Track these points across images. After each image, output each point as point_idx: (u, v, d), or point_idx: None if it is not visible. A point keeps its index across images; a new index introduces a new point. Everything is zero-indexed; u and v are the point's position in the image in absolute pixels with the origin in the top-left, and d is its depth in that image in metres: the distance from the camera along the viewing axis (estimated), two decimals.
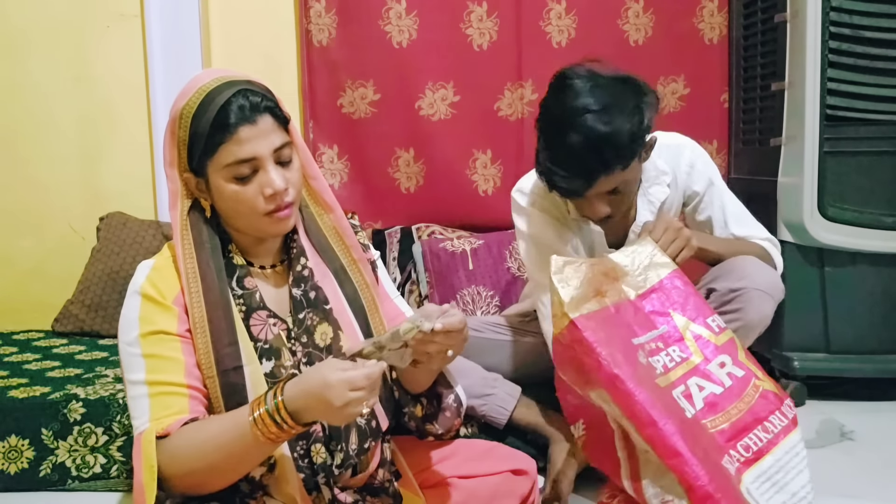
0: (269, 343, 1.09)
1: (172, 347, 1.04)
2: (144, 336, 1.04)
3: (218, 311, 1.06)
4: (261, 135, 1.04)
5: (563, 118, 1.36)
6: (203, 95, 1.05)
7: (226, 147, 1.03)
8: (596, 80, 1.38)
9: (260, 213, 1.06)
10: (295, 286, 1.14)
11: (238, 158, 1.04)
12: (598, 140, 1.32)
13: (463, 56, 2.48)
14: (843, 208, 2.09)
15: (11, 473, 1.64)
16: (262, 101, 1.05)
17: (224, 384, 1.05)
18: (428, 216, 2.53)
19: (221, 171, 1.05)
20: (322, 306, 1.14)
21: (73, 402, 1.66)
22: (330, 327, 1.13)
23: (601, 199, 1.42)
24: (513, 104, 2.52)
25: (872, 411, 2.09)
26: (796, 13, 2.08)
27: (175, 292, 1.07)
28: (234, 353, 1.05)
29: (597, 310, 1.27)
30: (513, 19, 2.48)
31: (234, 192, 1.05)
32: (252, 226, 1.09)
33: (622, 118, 1.34)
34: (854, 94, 2.07)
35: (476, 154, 2.55)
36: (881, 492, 1.59)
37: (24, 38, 2.46)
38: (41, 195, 2.51)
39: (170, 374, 1.03)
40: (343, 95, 2.50)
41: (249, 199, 1.05)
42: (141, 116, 2.49)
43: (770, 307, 1.50)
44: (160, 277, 1.08)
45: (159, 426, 1.00)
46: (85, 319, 2.26)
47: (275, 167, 1.06)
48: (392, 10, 2.45)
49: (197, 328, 1.05)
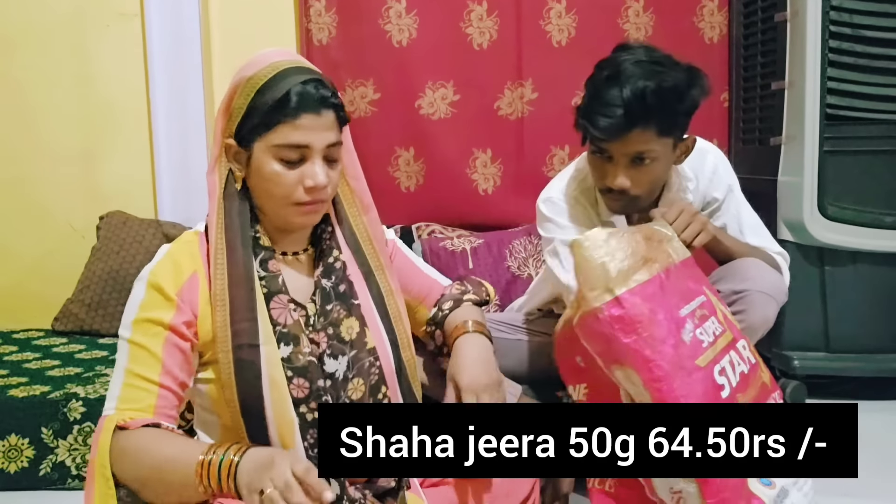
0: (288, 328, 1.08)
1: (156, 342, 1.03)
2: (137, 322, 1.04)
3: (241, 285, 1.05)
4: (320, 127, 1.05)
5: (615, 67, 1.36)
6: (276, 71, 1.05)
7: (283, 127, 1.04)
8: (654, 48, 1.41)
9: (292, 200, 1.06)
10: (325, 277, 1.13)
11: (291, 142, 1.04)
12: (645, 89, 1.32)
13: (463, 55, 2.48)
14: (843, 207, 2.09)
15: (11, 472, 1.64)
16: (332, 96, 1.06)
17: (237, 360, 1.03)
18: (428, 215, 2.53)
19: (270, 149, 1.05)
20: (351, 301, 1.14)
21: (73, 401, 1.66)
22: (357, 322, 1.13)
23: (627, 165, 1.40)
24: (513, 103, 2.52)
25: (872, 411, 2.09)
26: (796, 12, 2.09)
27: (181, 282, 1.06)
28: (252, 329, 1.04)
29: (647, 280, 1.19)
30: (513, 18, 2.48)
31: (275, 173, 1.05)
32: (277, 211, 1.09)
33: (674, 77, 1.35)
34: (854, 93, 2.07)
35: (476, 153, 2.55)
36: (881, 491, 1.60)
37: (24, 36, 2.46)
38: (41, 194, 2.51)
39: (146, 369, 1.02)
40: (343, 94, 2.50)
41: (288, 184, 1.05)
42: (141, 115, 2.49)
43: (773, 310, 1.49)
44: (169, 266, 1.07)
45: (121, 416, 1.00)
46: (85, 318, 2.26)
47: (321, 162, 1.06)
48: (392, 9, 2.45)
49: (217, 300, 1.04)
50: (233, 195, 1.09)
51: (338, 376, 1.09)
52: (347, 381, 1.10)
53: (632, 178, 1.40)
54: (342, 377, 1.10)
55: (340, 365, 1.10)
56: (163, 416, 1.02)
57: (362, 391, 1.11)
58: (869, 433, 1.91)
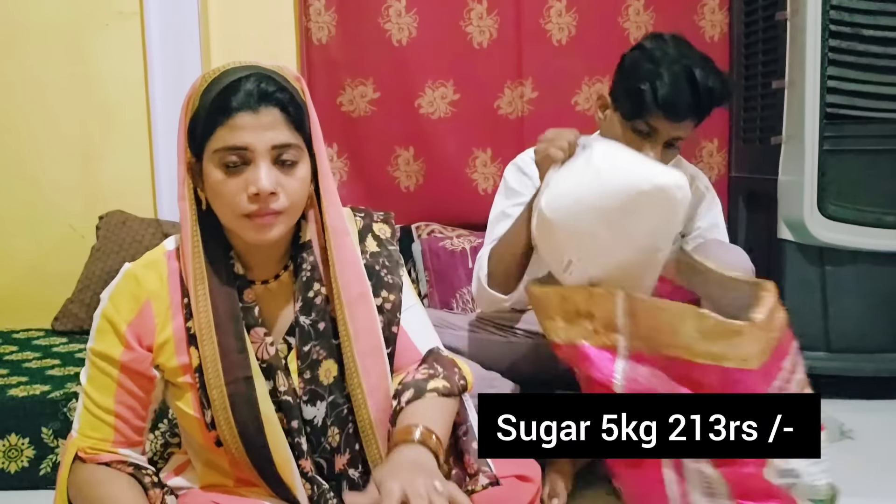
0: (267, 362, 1.02)
1: (110, 375, 1.01)
2: (94, 350, 1.03)
3: (227, 318, 0.99)
4: (260, 126, 0.94)
5: (687, 60, 1.46)
6: (217, 74, 0.97)
7: (220, 130, 0.94)
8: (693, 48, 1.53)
9: (238, 212, 0.96)
10: (304, 313, 1.04)
11: (227, 145, 0.94)
12: (714, 88, 1.46)
13: (463, 54, 2.47)
14: (844, 207, 2.09)
15: (12, 472, 1.64)
16: (276, 91, 0.95)
17: (232, 395, 0.98)
18: (427, 215, 2.53)
19: (212, 155, 0.96)
20: (331, 340, 1.04)
21: (74, 401, 1.66)
22: (335, 365, 1.05)
23: (663, 146, 1.50)
24: (513, 102, 2.52)
25: (872, 410, 2.09)
26: (797, 11, 2.08)
27: (133, 314, 1.01)
28: (244, 361, 0.99)
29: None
30: (513, 17, 2.47)
31: (217, 181, 0.95)
32: (230, 226, 1.00)
33: (727, 85, 1.51)
34: (854, 92, 2.07)
35: (476, 152, 2.54)
36: (881, 491, 1.59)
37: (23, 35, 2.45)
38: (41, 194, 2.50)
39: (102, 397, 1.02)
40: (342, 93, 2.50)
41: (230, 193, 0.95)
42: (140, 115, 2.49)
43: None
44: (125, 294, 1.02)
45: (82, 443, 1.01)
46: (85, 318, 2.26)
47: (269, 166, 0.95)
48: (392, 8, 2.45)
49: (203, 334, 0.99)
50: (205, 219, 1.02)
51: (316, 423, 1.04)
52: (327, 428, 1.04)
53: (663, 157, 1.51)
54: (321, 423, 1.04)
55: (319, 411, 1.04)
56: (122, 445, 1.03)
57: (338, 440, 1.05)
58: (869, 433, 1.92)
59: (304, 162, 1.00)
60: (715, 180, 2.57)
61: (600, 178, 1.24)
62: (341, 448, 1.05)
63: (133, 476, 1.02)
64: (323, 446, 1.04)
